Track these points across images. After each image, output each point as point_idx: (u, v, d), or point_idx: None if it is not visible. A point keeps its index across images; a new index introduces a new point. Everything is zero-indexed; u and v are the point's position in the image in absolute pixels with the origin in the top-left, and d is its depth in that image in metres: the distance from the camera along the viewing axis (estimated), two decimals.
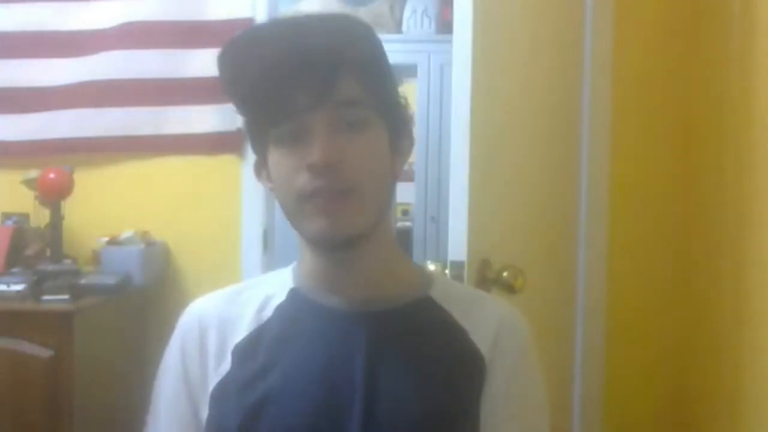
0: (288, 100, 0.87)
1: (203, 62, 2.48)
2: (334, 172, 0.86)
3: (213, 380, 0.94)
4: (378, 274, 0.95)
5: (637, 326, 2.18)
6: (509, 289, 1.54)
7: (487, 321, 0.97)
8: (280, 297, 0.98)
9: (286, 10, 3.66)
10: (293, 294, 0.98)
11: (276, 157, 0.91)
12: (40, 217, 2.38)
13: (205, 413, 0.94)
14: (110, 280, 2.19)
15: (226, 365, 0.94)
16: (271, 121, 0.89)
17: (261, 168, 0.97)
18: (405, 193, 4.10)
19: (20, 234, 2.36)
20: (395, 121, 0.94)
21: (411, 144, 0.99)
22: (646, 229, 2.17)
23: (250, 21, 2.48)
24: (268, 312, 0.97)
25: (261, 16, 2.49)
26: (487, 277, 1.54)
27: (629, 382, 2.18)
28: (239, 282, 1.08)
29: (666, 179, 2.16)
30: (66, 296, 2.04)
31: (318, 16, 0.92)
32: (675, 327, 2.12)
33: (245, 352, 0.94)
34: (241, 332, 0.96)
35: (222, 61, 0.91)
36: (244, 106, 0.93)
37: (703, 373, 1.96)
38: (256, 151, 0.96)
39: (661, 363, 2.16)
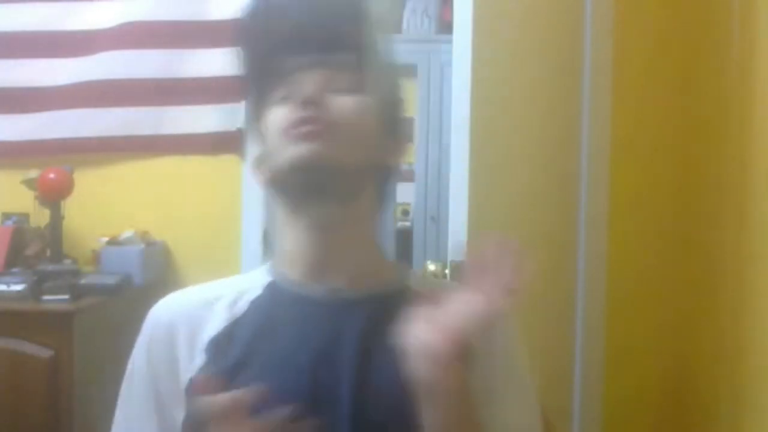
0: (292, 63, 0.92)
1: (203, 62, 2.48)
2: (319, 107, 0.89)
3: (185, 378, 0.91)
4: (359, 259, 0.95)
5: (637, 326, 2.18)
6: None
7: None
8: (255, 291, 0.96)
9: None
10: (270, 287, 0.96)
11: (271, 117, 0.93)
12: (40, 217, 2.39)
13: (180, 415, 0.91)
14: (110, 280, 2.19)
15: (199, 361, 0.91)
16: (273, 80, 0.93)
17: (253, 125, 0.98)
18: (405, 193, 4.10)
19: (20, 234, 2.36)
20: (386, 100, 0.97)
21: (409, 136, 1.00)
22: (646, 229, 2.17)
23: None
24: (243, 306, 0.95)
25: None
26: None
27: (629, 382, 2.18)
28: None
29: (666, 179, 2.16)
30: (66, 296, 2.04)
31: None
32: (675, 322, 2.12)
33: (218, 347, 0.91)
34: (212, 328, 0.93)
35: (245, 16, 0.98)
36: (254, 64, 0.96)
37: (703, 373, 1.96)
38: (253, 108, 0.98)
39: (661, 361, 2.16)
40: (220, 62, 2.47)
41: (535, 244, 1.82)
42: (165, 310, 0.97)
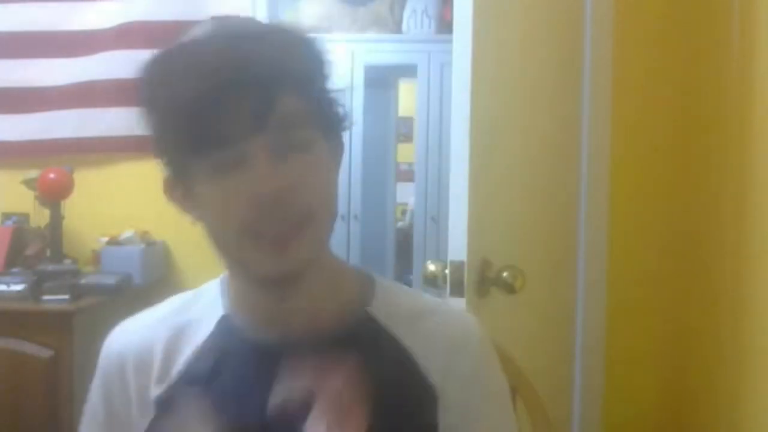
0: (223, 127, 0.76)
1: None
2: (282, 204, 0.77)
3: (137, 425, 0.87)
4: (317, 301, 0.85)
5: (637, 326, 2.18)
6: (509, 289, 1.54)
7: (435, 341, 0.87)
8: (207, 326, 0.88)
9: (286, 10, 3.66)
10: (223, 324, 0.88)
11: (207, 188, 0.79)
12: (40, 217, 2.39)
13: None
14: (110, 280, 2.19)
15: (149, 411, 0.86)
16: (202, 149, 0.78)
17: (175, 188, 0.86)
18: (405, 193, 4.10)
19: (20, 234, 2.36)
20: (335, 132, 0.86)
21: (341, 150, 0.88)
22: (646, 229, 2.17)
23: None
24: (194, 347, 0.87)
25: (261, 16, 2.49)
26: (487, 277, 1.54)
27: (629, 382, 2.18)
28: None
29: (666, 179, 2.16)
30: (66, 296, 2.04)
31: (256, 28, 0.85)
32: (675, 327, 2.12)
33: (170, 399, 0.85)
34: (160, 375, 0.87)
35: (147, 73, 0.81)
36: (168, 124, 0.80)
37: (702, 381, 1.96)
38: (172, 172, 0.84)
39: (660, 363, 2.16)
40: None
41: (535, 244, 1.83)
42: (117, 349, 0.93)
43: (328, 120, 0.84)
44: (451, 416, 0.86)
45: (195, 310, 0.91)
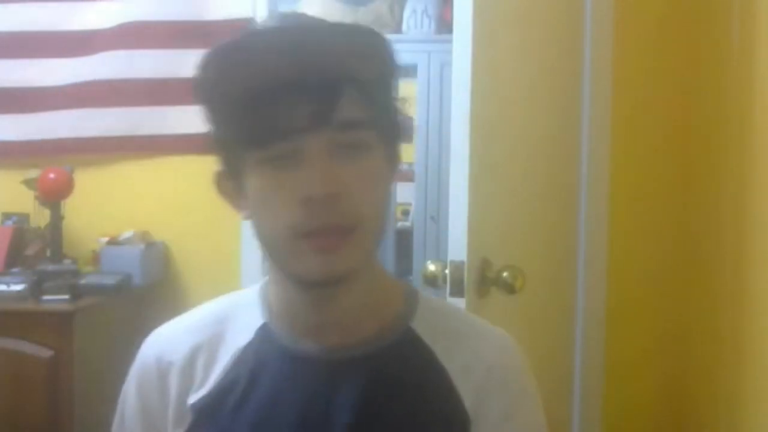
0: (283, 117, 0.76)
1: None
2: (334, 207, 0.76)
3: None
4: (359, 312, 0.84)
5: (637, 326, 2.18)
6: (509, 289, 1.54)
7: (473, 365, 0.85)
8: (246, 335, 0.87)
9: (286, 9, 3.66)
10: (263, 333, 0.86)
11: (260, 182, 0.79)
12: (40, 217, 2.38)
13: None
14: (110, 280, 2.19)
15: (187, 418, 0.85)
16: (259, 141, 0.77)
17: (227, 182, 0.85)
18: (405, 193, 4.10)
19: (20, 234, 2.36)
20: (394, 140, 0.84)
21: (397, 162, 0.87)
22: (646, 230, 2.17)
23: (250, 21, 2.47)
24: (233, 354, 0.86)
25: (261, 16, 2.48)
26: (487, 277, 1.54)
27: (629, 382, 2.18)
28: (237, 282, 1.00)
29: (666, 179, 2.16)
30: (66, 296, 2.04)
31: (325, 24, 0.82)
32: (675, 327, 2.12)
33: (208, 407, 0.84)
34: (200, 381, 0.86)
35: (208, 65, 0.80)
36: (227, 117, 0.81)
37: (701, 382, 1.96)
38: (228, 168, 0.84)
39: (660, 363, 2.16)
40: None
41: (535, 244, 1.83)
42: (156, 352, 0.90)
43: (389, 127, 0.83)
44: None
45: (233, 318, 0.90)
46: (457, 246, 1.51)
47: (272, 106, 0.76)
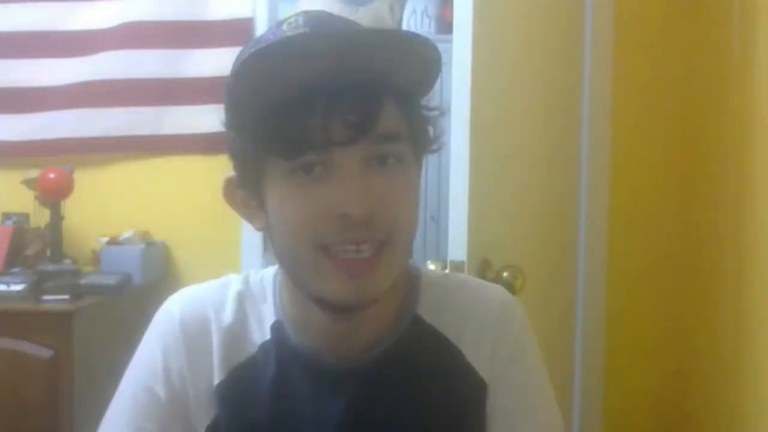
0: (318, 127, 0.71)
1: (203, 62, 2.48)
2: (370, 225, 0.72)
3: (201, 420, 0.83)
4: (377, 317, 0.81)
5: (637, 326, 2.18)
6: (509, 289, 1.54)
7: (482, 335, 0.85)
8: (262, 329, 0.84)
9: (287, 9, 3.66)
10: (277, 332, 0.84)
11: (285, 193, 0.74)
12: (40, 217, 2.38)
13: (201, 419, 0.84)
14: (110, 280, 2.19)
15: (212, 407, 0.83)
16: (291, 151, 0.72)
17: (240, 191, 0.80)
18: None
19: (20, 234, 2.36)
20: (422, 153, 0.81)
21: (421, 170, 0.84)
22: (646, 230, 2.17)
23: (250, 21, 2.48)
24: (251, 348, 0.84)
25: (261, 16, 2.49)
26: (487, 277, 1.54)
27: (629, 382, 2.18)
28: None
29: (666, 179, 2.16)
30: (66, 296, 2.04)
31: (366, 31, 0.79)
32: (675, 326, 2.12)
33: (231, 398, 0.82)
34: (221, 362, 0.84)
35: (241, 70, 0.72)
36: (258, 127, 0.74)
37: (702, 379, 1.96)
38: (246, 177, 0.79)
39: (660, 363, 2.16)
40: (220, 62, 2.46)
41: (535, 244, 1.83)
42: (177, 309, 0.88)
43: (420, 137, 0.80)
44: (497, 400, 0.85)
45: (251, 306, 0.86)
46: (457, 246, 1.51)
47: (307, 115, 0.71)
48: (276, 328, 0.84)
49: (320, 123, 0.71)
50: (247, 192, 0.79)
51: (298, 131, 0.71)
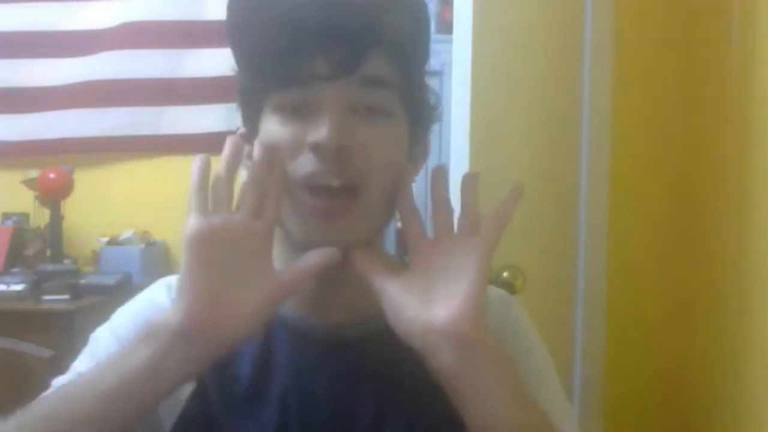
0: (304, 63, 0.72)
1: (203, 62, 2.48)
2: (343, 162, 0.72)
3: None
4: (366, 292, 0.78)
5: (638, 327, 2.18)
6: (509, 289, 1.54)
7: None
8: None
9: None
10: None
11: (272, 126, 0.76)
12: (40, 217, 2.39)
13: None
14: (110, 280, 2.19)
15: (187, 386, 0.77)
16: (277, 82, 0.74)
17: (245, 141, 0.82)
18: None
19: (20, 234, 2.36)
20: (418, 118, 0.81)
21: (425, 153, 0.85)
22: (646, 230, 2.17)
23: None
24: None
25: None
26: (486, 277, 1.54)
27: (629, 381, 2.18)
28: None
29: (666, 179, 2.16)
30: (66, 296, 2.04)
31: None
32: (675, 327, 2.12)
33: (213, 372, 0.79)
34: None
35: (234, 8, 0.76)
36: (249, 59, 0.78)
37: (703, 374, 1.96)
38: (246, 118, 0.82)
39: (661, 364, 2.16)
40: (220, 62, 2.47)
41: (535, 244, 1.83)
42: (159, 293, 0.88)
43: (415, 101, 0.79)
44: None
45: None
46: None
47: (295, 52, 0.72)
48: None
49: (306, 60, 0.72)
50: (248, 142, 0.81)
51: (286, 67, 0.73)
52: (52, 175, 2.33)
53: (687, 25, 2.11)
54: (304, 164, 0.73)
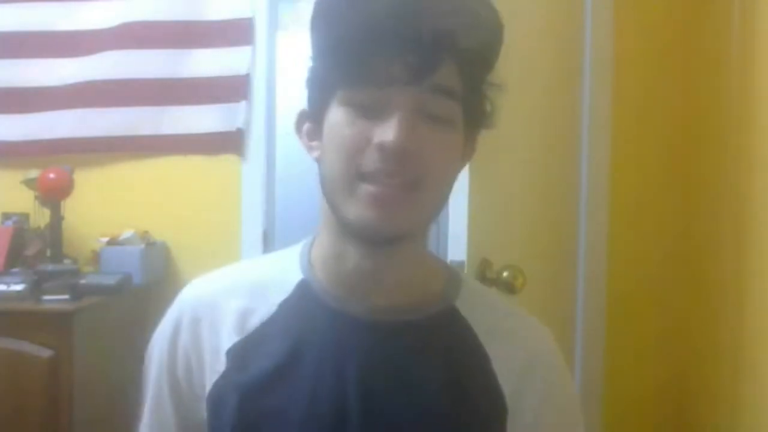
0: (382, 65, 0.76)
1: (203, 62, 2.48)
2: (404, 162, 0.76)
3: (209, 379, 0.85)
4: (408, 278, 0.85)
5: (637, 326, 2.18)
6: (509, 289, 1.54)
7: (514, 350, 0.87)
8: (284, 289, 0.87)
9: (286, 9, 3.67)
10: (302, 289, 0.87)
11: (340, 118, 0.79)
12: (40, 217, 2.38)
13: (202, 410, 0.86)
14: (110, 280, 2.19)
15: (221, 365, 0.84)
16: (354, 79, 0.78)
17: (305, 122, 0.86)
18: None
19: (20, 234, 2.36)
20: (476, 124, 0.85)
21: (473, 152, 0.89)
22: (646, 230, 2.17)
23: (249, 21, 2.48)
24: (270, 308, 0.86)
25: (261, 16, 2.49)
26: (487, 277, 1.54)
27: (629, 382, 2.18)
28: None
29: (666, 178, 2.16)
30: (66, 296, 2.04)
31: None
32: (675, 326, 2.12)
33: (241, 355, 0.84)
34: (235, 328, 0.85)
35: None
36: (331, 51, 0.80)
37: (702, 378, 1.96)
38: (313, 101, 0.84)
39: (660, 363, 2.16)
40: (220, 62, 2.47)
41: (535, 244, 1.83)
42: (192, 300, 0.91)
43: (476, 108, 0.83)
44: (520, 427, 0.85)
45: (273, 273, 0.90)
46: (457, 246, 1.51)
47: (373, 51, 0.76)
48: (300, 285, 0.87)
49: (383, 61, 0.76)
50: (311, 122, 0.85)
51: (362, 66, 0.77)
52: (52, 175, 2.32)
53: (687, 26, 2.11)
54: (368, 161, 0.77)
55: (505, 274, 1.55)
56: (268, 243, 2.49)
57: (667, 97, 2.16)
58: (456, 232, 1.52)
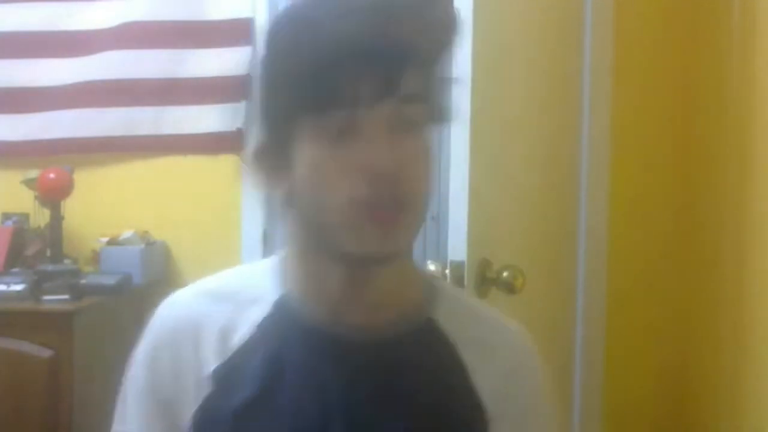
0: (347, 89, 0.73)
1: (203, 62, 2.48)
2: (394, 182, 0.74)
3: (192, 404, 0.83)
4: (390, 294, 0.83)
5: (637, 326, 2.18)
6: (509, 289, 1.54)
7: (493, 361, 0.86)
8: (261, 307, 0.85)
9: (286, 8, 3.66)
10: (279, 309, 0.84)
11: (314, 153, 0.76)
12: (40, 217, 2.38)
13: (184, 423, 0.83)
14: (110, 280, 2.19)
15: (203, 389, 0.82)
16: (323, 106, 0.74)
17: (267, 157, 0.81)
18: None
19: (20, 234, 2.36)
20: (441, 120, 0.83)
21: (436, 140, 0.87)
22: (646, 229, 2.17)
23: (249, 21, 2.48)
24: (250, 327, 0.84)
25: (261, 16, 2.49)
26: (487, 277, 1.54)
27: (629, 380, 2.18)
28: None
29: (666, 178, 2.16)
30: (66, 296, 2.04)
31: None
32: (675, 326, 2.12)
33: (224, 380, 0.82)
34: (215, 350, 0.83)
35: (276, 33, 0.78)
36: (289, 87, 0.76)
37: (702, 374, 1.96)
38: (276, 135, 0.80)
39: (660, 362, 2.16)
40: (220, 62, 2.47)
41: (535, 244, 1.83)
42: (171, 319, 0.88)
43: (439, 105, 0.81)
44: None
45: (248, 288, 0.87)
46: (457, 246, 1.51)
47: (338, 75, 0.73)
48: (278, 302, 0.85)
49: (349, 83, 0.73)
50: (273, 156, 0.80)
51: (329, 90, 0.73)
52: (52, 175, 2.32)
53: (687, 25, 2.11)
54: (356, 188, 0.74)
55: (505, 274, 1.54)
56: (268, 243, 2.49)
57: (666, 97, 2.16)
58: (456, 232, 1.51)
